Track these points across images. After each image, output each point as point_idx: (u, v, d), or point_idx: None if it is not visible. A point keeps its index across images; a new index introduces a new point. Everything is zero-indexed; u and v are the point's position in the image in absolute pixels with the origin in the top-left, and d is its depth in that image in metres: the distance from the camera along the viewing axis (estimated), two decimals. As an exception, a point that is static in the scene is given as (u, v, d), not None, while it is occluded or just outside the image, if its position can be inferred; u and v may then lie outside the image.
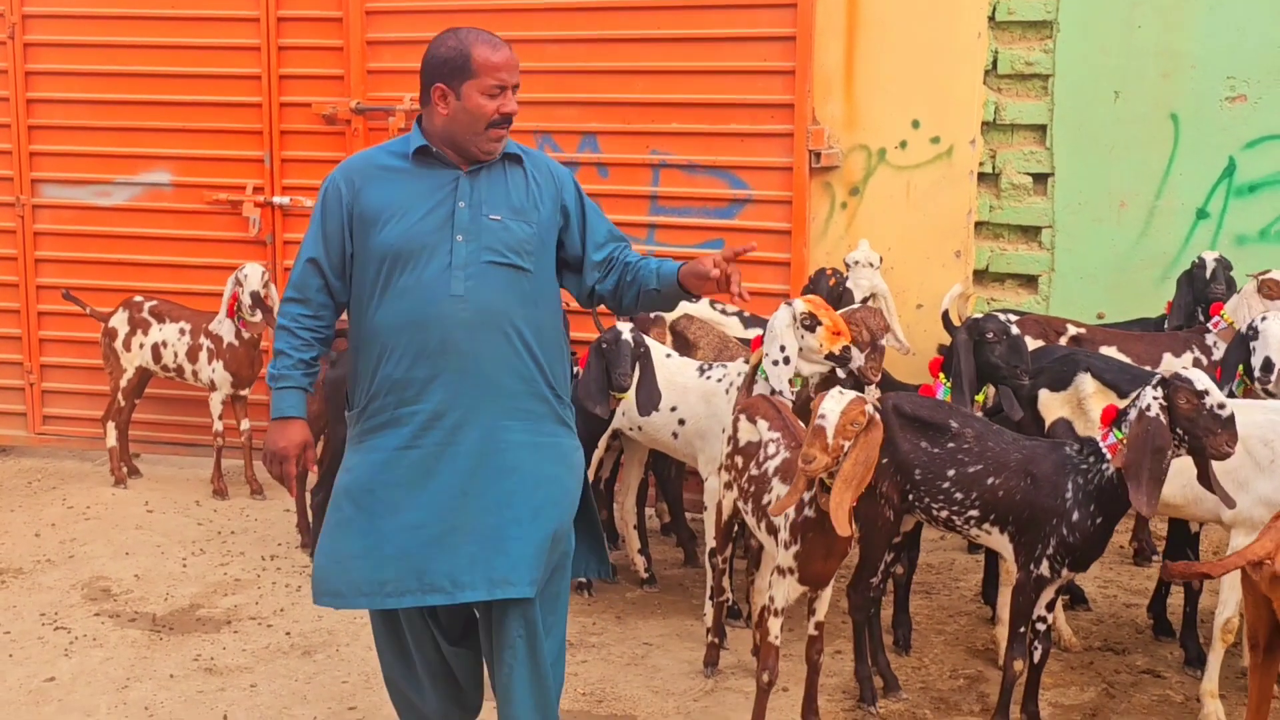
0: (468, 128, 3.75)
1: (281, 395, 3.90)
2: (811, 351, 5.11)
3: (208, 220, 8.03)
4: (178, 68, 7.96)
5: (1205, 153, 6.84)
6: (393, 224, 3.76)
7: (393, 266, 3.76)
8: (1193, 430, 4.14)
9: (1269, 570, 3.74)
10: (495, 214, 3.78)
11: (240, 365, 7.29)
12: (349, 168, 3.90)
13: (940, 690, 5.08)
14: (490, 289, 3.75)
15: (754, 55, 7.08)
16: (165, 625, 5.70)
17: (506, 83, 3.74)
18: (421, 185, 3.80)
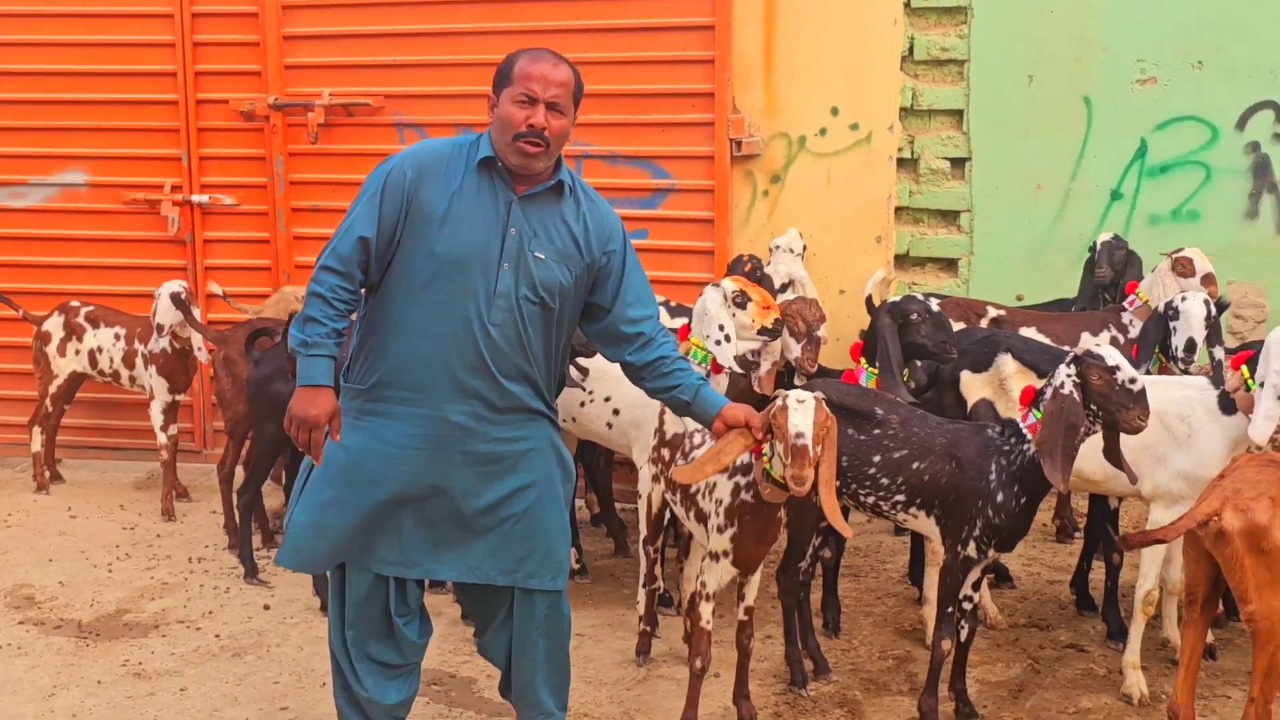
0: (500, 136, 3.77)
1: (312, 363, 3.79)
2: (744, 328, 5.22)
3: (126, 220, 7.94)
4: (91, 66, 7.85)
5: (1118, 135, 6.96)
6: (448, 231, 3.76)
7: (438, 273, 3.77)
8: (1106, 406, 4.22)
9: (1215, 527, 3.87)
10: (540, 252, 3.81)
11: (175, 371, 7.11)
12: (418, 158, 3.84)
13: (870, 671, 5.14)
14: (521, 322, 3.82)
15: (673, 45, 7.11)
16: (91, 631, 5.62)
17: (536, 94, 3.72)
18: (479, 200, 3.79)
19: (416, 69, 7.48)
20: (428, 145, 3.95)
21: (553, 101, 3.74)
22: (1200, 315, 5.34)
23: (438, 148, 3.91)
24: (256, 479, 6.30)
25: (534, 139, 3.73)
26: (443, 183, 3.79)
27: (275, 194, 7.70)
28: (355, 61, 7.56)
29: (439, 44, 7.40)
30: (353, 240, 3.79)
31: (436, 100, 7.45)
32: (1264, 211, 6.88)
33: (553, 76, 3.75)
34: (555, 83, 3.75)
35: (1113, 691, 4.91)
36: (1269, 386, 4.48)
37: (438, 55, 7.42)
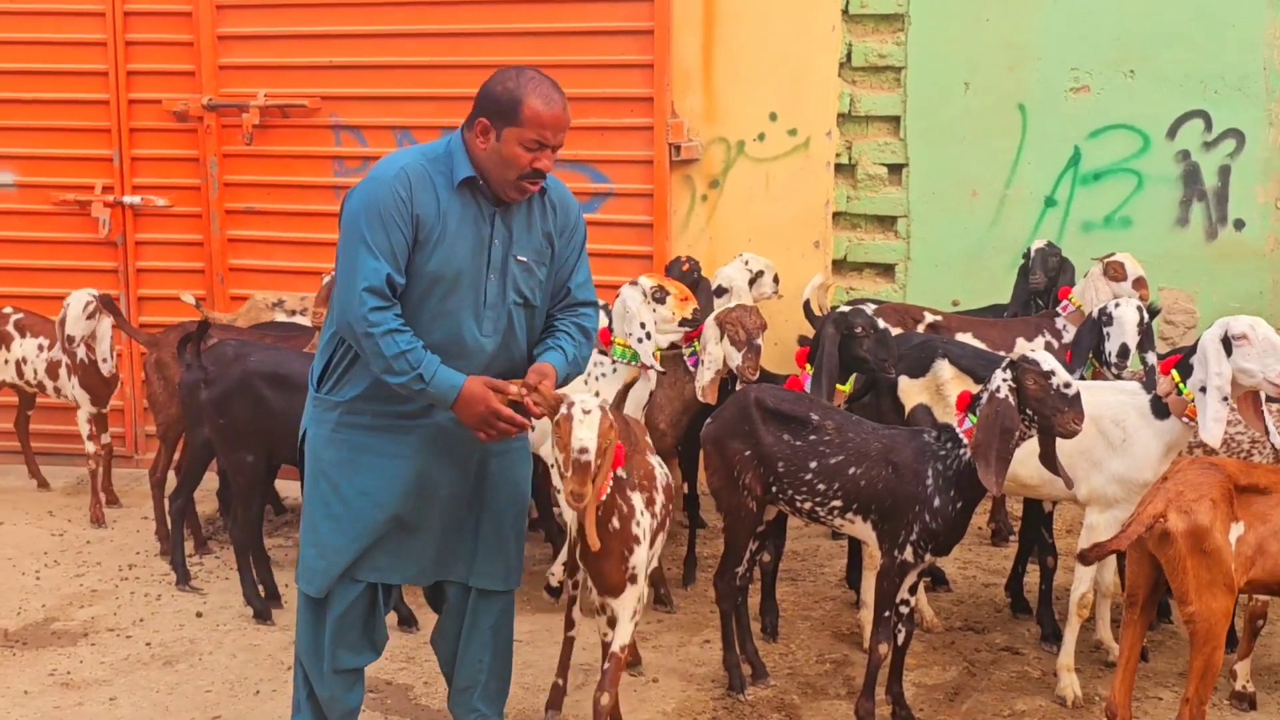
0: (499, 172, 3.75)
1: (440, 377, 3.73)
2: (665, 322, 5.44)
3: (55, 221, 7.82)
4: (21, 64, 7.73)
5: (1052, 142, 7.05)
6: (439, 248, 3.76)
7: (430, 289, 3.78)
8: (1041, 410, 4.25)
9: (1160, 528, 3.92)
10: (522, 255, 3.87)
11: (94, 382, 6.93)
12: (405, 175, 3.75)
13: (807, 675, 5.15)
14: (511, 328, 3.90)
15: (612, 49, 7.11)
16: (18, 640, 5.51)
17: (549, 141, 3.71)
18: (465, 214, 3.79)
19: (353, 70, 7.43)
20: (405, 164, 3.80)
21: (558, 145, 3.77)
22: (1134, 321, 5.41)
23: (412, 163, 3.80)
24: (189, 484, 6.21)
25: (536, 180, 3.76)
26: (431, 198, 3.77)
27: (209, 195, 7.61)
28: (291, 62, 7.50)
29: (376, 46, 7.36)
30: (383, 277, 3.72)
31: (373, 102, 7.40)
32: (1194, 219, 6.99)
33: (565, 121, 3.76)
34: (564, 127, 3.76)
35: (1047, 694, 4.95)
36: (1212, 389, 4.53)
37: (375, 57, 7.38)
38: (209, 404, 5.70)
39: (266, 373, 5.59)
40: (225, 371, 5.67)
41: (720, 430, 4.96)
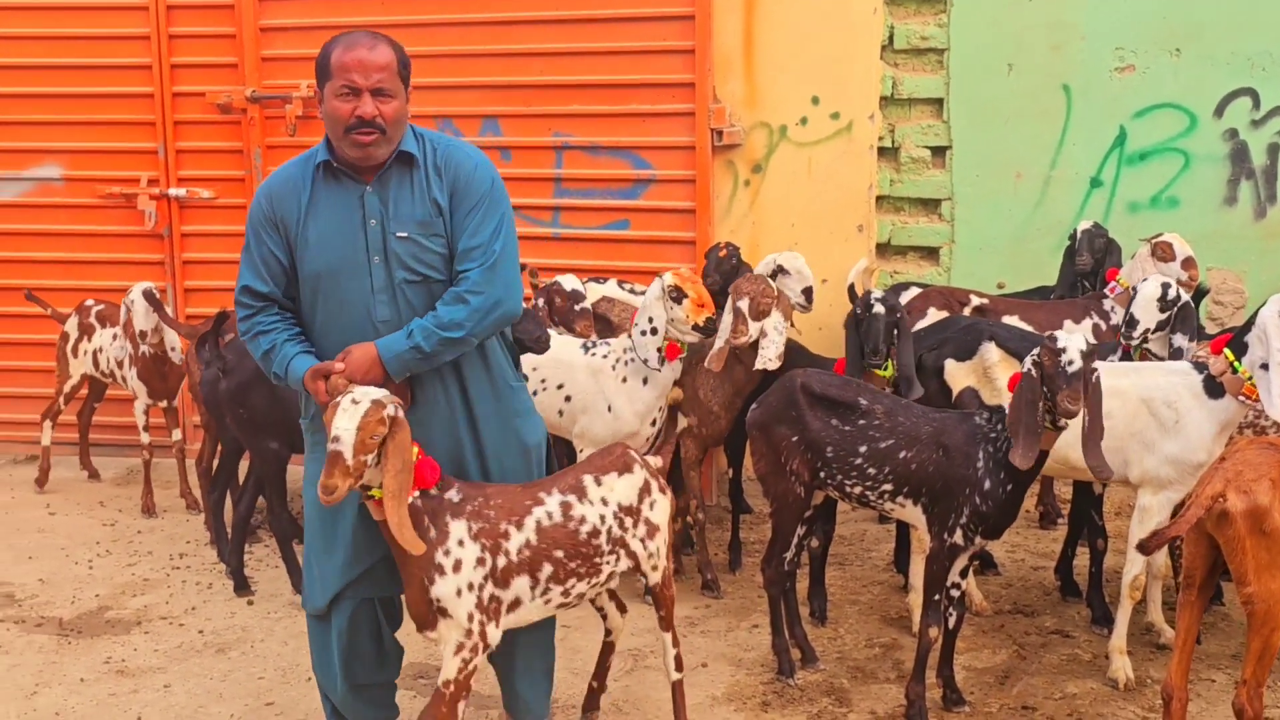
0: (333, 132, 3.68)
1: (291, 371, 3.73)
2: (680, 323, 5.40)
3: (102, 214, 7.88)
4: (66, 59, 7.79)
5: (1097, 123, 6.97)
6: (312, 245, 3.72)
7: (317, 288, 3.75)
8: (1050, 386, 4.25)
9: (1219, 509, 3.88)
10: (403, 231, 3.71)
11: (151, 376, 6.95)
12: (270, 188, 3.79)
13: (857, 659, 5.15)
14: (409, 306, 3.75)
15: (653, 35, 7.08)
16: (73, 629, 5.58)
17: (358, 84, 3.59)
18: (332, 204, 3.72)
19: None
20: (277, 171, 3.86)
21: (377, 88, 3.60)
22: (1152, 296, 5.34)
23: (284, 169, 3.84)
24: (223, 478, 6.29)
25: (366, 129, 3.61)
26: (294, 201, 3.73)
27: (253, 187, 7.64)
28: (333, 53, 7.49)
29: (416, 35, 7.32)
30: (240, 292, 3.79)
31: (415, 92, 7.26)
32: (1242, 198, 6.91)
33: (371, 61, 3.61)
34: (375, 67, 3.61)
35: (1099, 676, 4.93)
36: (1275, 365, 4.48)
37: (415, 46, 7.21)
38: (227, 395, 5.77)
39: None
40: (242, 363, 5.72)
41: (766, 416, 4.96)
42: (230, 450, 6.23)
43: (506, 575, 3.80)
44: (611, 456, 4.13)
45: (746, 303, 5.38)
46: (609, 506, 4.01)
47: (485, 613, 3.76)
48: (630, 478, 4.08)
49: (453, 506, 3.75)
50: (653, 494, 4.13)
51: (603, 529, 3.98)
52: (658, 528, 4.13)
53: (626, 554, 4.07)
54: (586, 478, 4.02)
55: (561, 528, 3.89)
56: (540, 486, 3.95)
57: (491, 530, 3.77)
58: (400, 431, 3.54)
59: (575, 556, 3.92)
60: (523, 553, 3.82)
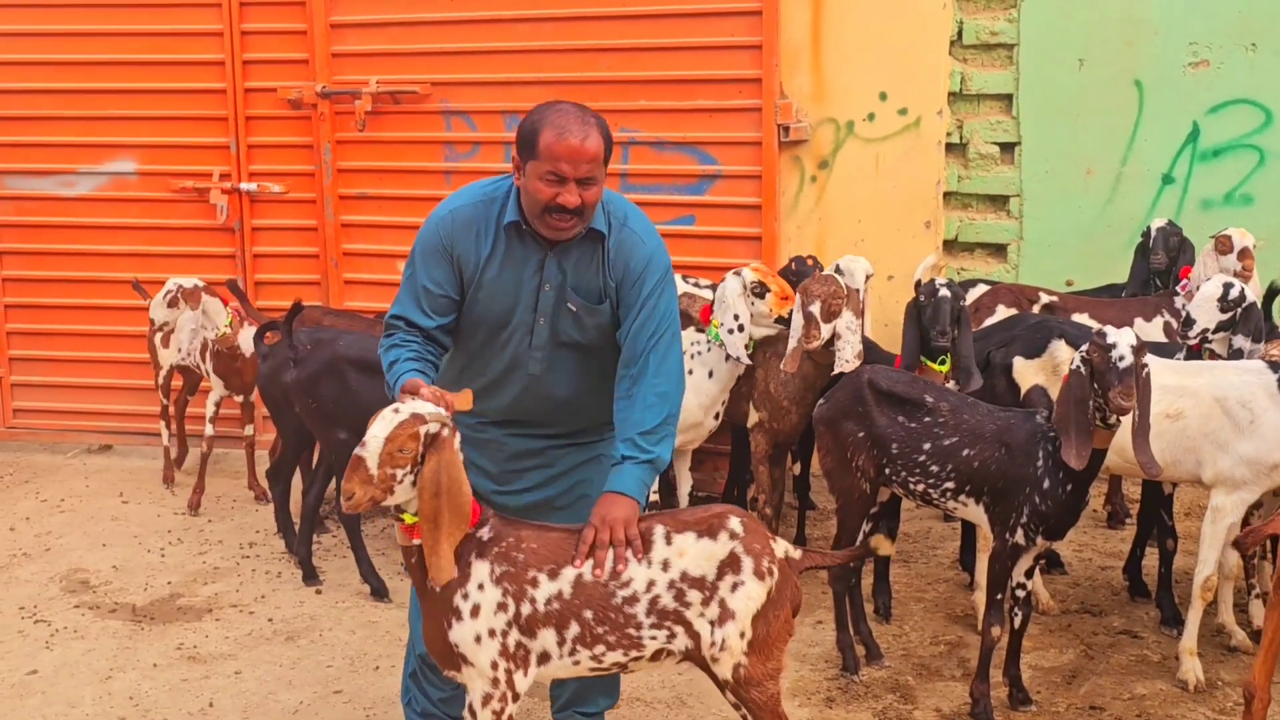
0: (530, 207, 3.65)
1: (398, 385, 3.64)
2: (762, 317, 5.49)
3: (174, 208, 7.99)
4: (140, 55, 7.90)
5: (1169, 118, 6.89)
6: (484, 293, 3.75)
7: (476, 329, 3.81)
8: (1100, 383, 4.20)
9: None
10: (574, 303, 3.75)
11: (227, 370, 7.03)
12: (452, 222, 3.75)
13: (922, 657, 5.13)
14: (560, 366, 3.84)
15: (720, 30, 7.08)
16: (146, 615, 5.68)
17: (566, 174, 3.52)
18: (511, 257, 3.73)
19: (464, 56, 7.49)
20: (455, 206, 3.80)
21: (585, 178, 3.55)
22: (1211, 295, 5.27)
23: (465, 205, 3.79)
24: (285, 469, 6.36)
25: (564, 215, 3.59)
26: (474, 244, 3.73)
27: (323, 181, 7.74)
28: (402, 49, 7.57)
29: (486, 31, 7.41)
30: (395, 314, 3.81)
31: (483, 87, 7.46)
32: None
33: (582, 154, 3.53)
34: (585, 159, 3.54)
35: (1168, 678, 4.88)
36: None
37: (485, 42, 7.42)
38: (296, 385, 5.84)
39: (354, 358, 5.70)
40: (314, 354, 5.79)
41: (833, 412, 4.96)
42: (290, 441, 6.29)
43: (533, 625, 3.44)
44: (703, 514, 3.57)
45: (818, 305, 5.33)
46: (668, 573, 3.46)
47: (511, 660, 3.44)
48: (710, 545, 3.48)
49: (480, 545, 3.46)
50: (741, 574, 3.46)
51: (644, 598, 3.45)
52: (732, 615, 3.45)
53: (687, 632, 3.48)
54: (659, 529, 3.52)
55: (600, 586, 3.45)
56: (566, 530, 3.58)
57: (517, 575, 3.43)
58: (441, 453, 3.30)
59: (604, 622, 3.45)
60: (551, 604, 3.44)
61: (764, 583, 3.47)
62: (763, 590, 3.47)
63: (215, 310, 6.87)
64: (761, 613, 3.47)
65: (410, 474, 3.30)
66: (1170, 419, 4.79)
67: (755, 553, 3.47)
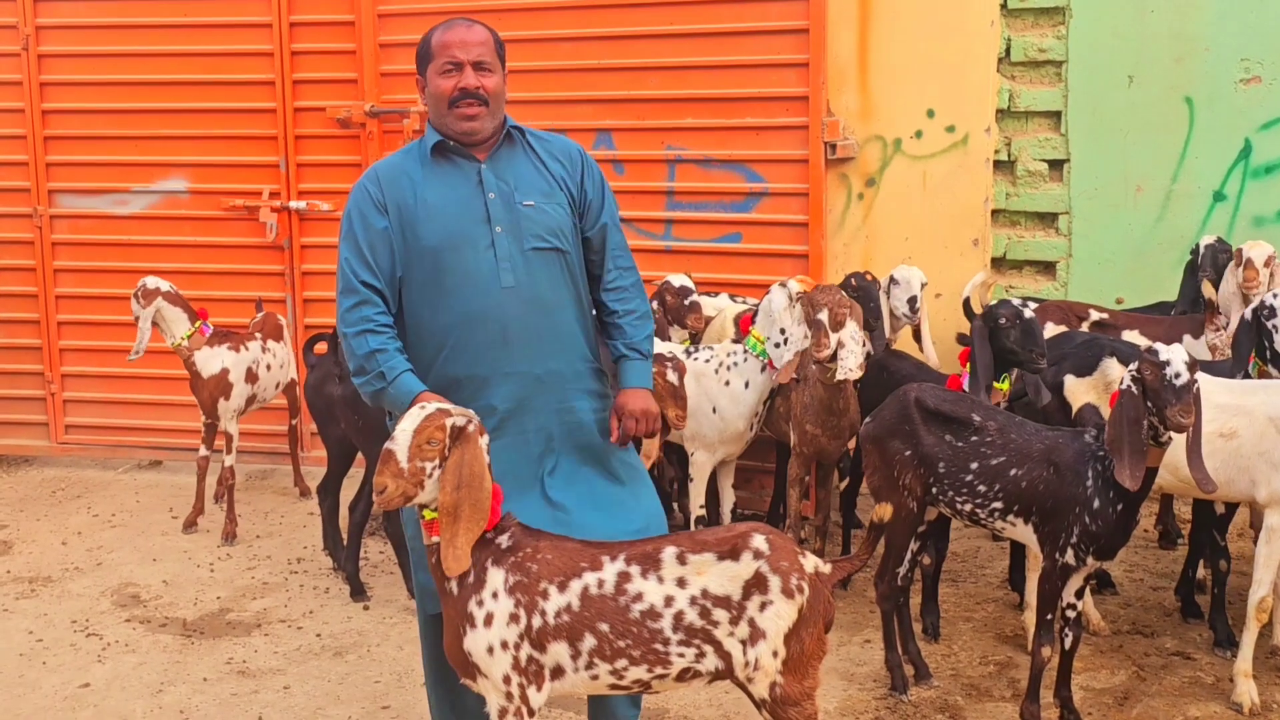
0: (437, 112, 3.79)
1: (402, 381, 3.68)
2: None
3: (225, 226, 8.06)
4: (192, 75, 8.00)
5: (1220, 135, 6.84)
6: (428, 221, 3.74)
7: (437, 263, 3.74)
8: (1156, 401, 4.16)
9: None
10: (527, 200, 3.79)
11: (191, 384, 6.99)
12: (376, 176, 3.85)
13: (971, 676, 5.09)
14: (539, 277, 3.78)
15: (767, 49, 7.08)
16: (196, 629, 5.72)
17: (459, 59, 3.72)
18: (448, 181, 3.78)
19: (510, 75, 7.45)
20: (381, 162, 3.97)
21: (478, 61, 3.74)
22: None
23: (388, 159, 3.94)
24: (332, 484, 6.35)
25: (469, 100, 3.72)
26: (404, 181, 3.79)
27: (372, 200, 7.78)
28: (450, 68, 7.61)
29: (531, 50, 7.43)
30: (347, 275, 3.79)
31: (530, 106, 7.45)
32: (1371, 213, 6.73)
33: (470, 38, 3.76)
34: (474, 43, 3.75)
35: (1222, 700, 4.82)
36: None
37: (531, 61, 7.45)
38: (342, 400, 5.88)
39: None
40: None
41: (880, 429, 4.94)
42: (335, 455, 6.32)
43: (543, 638, 3.41)
44: (725, 534, 3.52)
45: (826, 314, 5.31)
46: (686, 589, 3.42)
47: (524, 675, 3.42)
48: (732, 566, 3.43)
49: (497, 553, 3.44)
50: (769, 594, 3.41)
51: (666, 613, 3.41)
52: (763, 634, 3.41)
53: (717, 652, 3.44)
54: (669, 550, 3.47)
55: (610, 600, 3.42)
56: (608, 549, 3.50)
57: (529, 586, 3.41)
58: (464, 446, 3.34)
59: (625, 636, 3.41)
60: (561, 617, 3.41)
61: (794, 600, 3.42)
62: (793, 608, 3.42)
63: (174, 319, 6.82)
64: (794, 631, 3.43)
65: (439, 468, 3.34)
66: (1224, 438, 4.74)
67: (783, 571, 3.42)
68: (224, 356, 6.92)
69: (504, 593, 3.41)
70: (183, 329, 6.84)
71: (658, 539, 3.55)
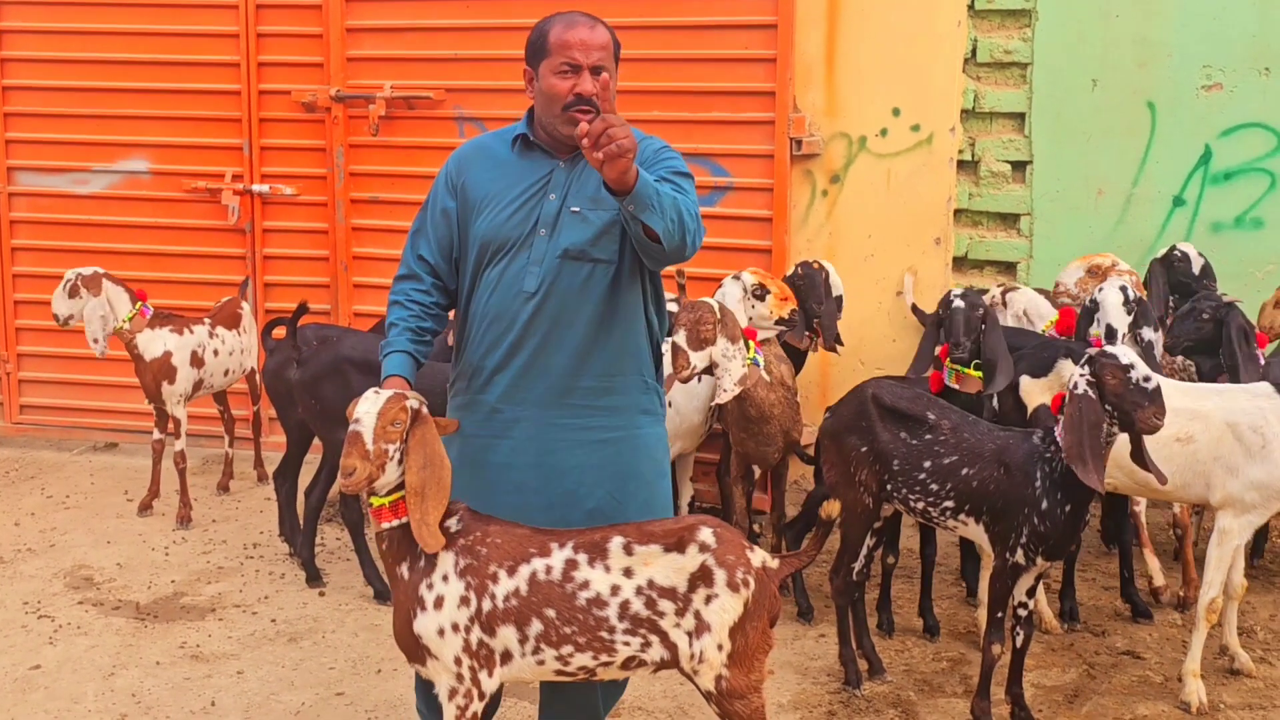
0: (547, 111, 3.63)
1: (387, 362, 3.68)
2: (762, 319, 5.46)
3: (187, 208, 8.02)
4: (156, 55, 7.94)
5: (1182, 141, 6.91)
6: (486, 214, 3.66)
7: (482, 257, 3.67)
8: (1121, 405, 4.16)
9: None
10: (576, 205, 3.62)
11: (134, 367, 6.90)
12: (461, 153, 3.80)
13: (924, 672, 5.13)
14: (562, 285, 3.60)
15: (735, 43, 7.10)
16: (149, 613, 5.69)
17: (578, 61, 3.54)
18: (519, 175, 3.68)
19: (477, 63, 7.51)
20: (472, 140, 3.91)
21: (596, 65, 3.57)
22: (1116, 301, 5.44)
23: (481, 140, 3.87)
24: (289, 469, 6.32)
25: (585, 106, 3.54)
26: (481, 171, 3.73)
27: (335, 185, 7.76)
28: (417, 55, 7.60)
29: (500, 38, 7.42)
30: (409, 244, 3.79)
31: (497, 94, 7.47)
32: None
33: (592, 41, 3.58)
34: (596, 46, 3.58)
35: (1170, 699, 4.87)
36: None
37: (499, 49, 7.43)
38: (299, 385, 5.86)
39: (357, 359, 5.71)
40: (318, 353, 5.80)
41: (838, 425, 4.97)
42: (293, 440, 6.30)
43: (492, 621, 3.43)
44: (672, 526, 3.51)
45: (683, 335, 4.96)
46: (633, 579, 3.43)
47: (475, 658, 3.44)
48: (678, 558, 3.43)
49: (447, 536, 3.45)
50: (714, 587, 3.41)
51: (612, 602, 3.43)
52: (708, 627, 3.41)
53: (663, 643, 3.45)
54: (616, 540, 3.47)
55: (557, 587, 3.43)
56: (557, 536, 3.50)
57: (479, 569, 3.43)
58: (422, 426, 3.39)
59: (571, 622, 3.43)
60: (509, 601, 3.43)
61: (739, 594, 3.42)
62: (738, 602, 3.42)
63: (118, 299, 6.70)
64: (739, 624, 3.43)
65: (399, 450, 3.38)
66: (1180, 443, 4.79)
67: (729, 564, 3.42)
68: (166, 339, 6.79)
69: (454, 576, 3.43)
70: (124, 310, 6.72)
71: (606, 528, 3.53)
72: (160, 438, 6.97)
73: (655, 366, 3.83)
